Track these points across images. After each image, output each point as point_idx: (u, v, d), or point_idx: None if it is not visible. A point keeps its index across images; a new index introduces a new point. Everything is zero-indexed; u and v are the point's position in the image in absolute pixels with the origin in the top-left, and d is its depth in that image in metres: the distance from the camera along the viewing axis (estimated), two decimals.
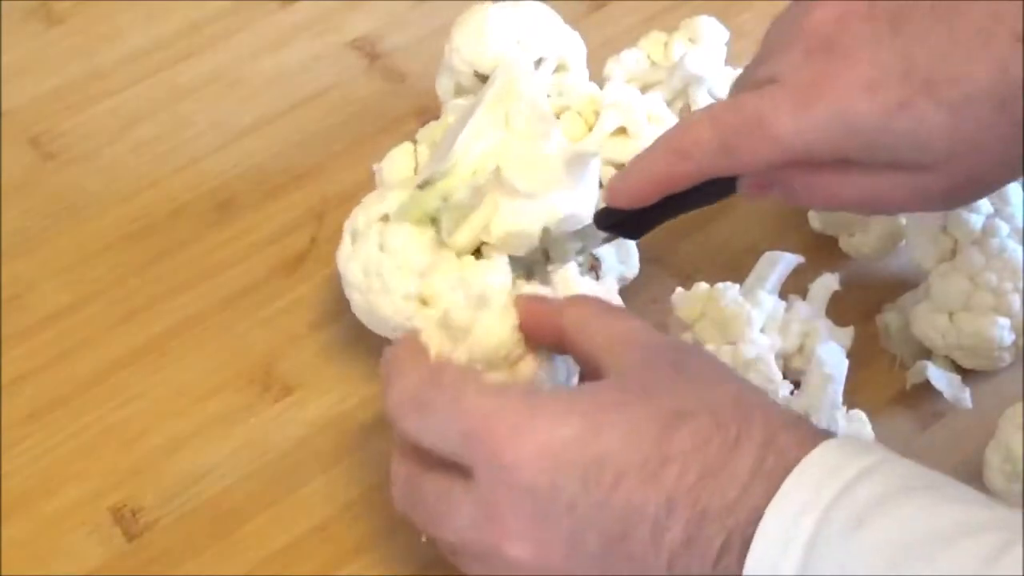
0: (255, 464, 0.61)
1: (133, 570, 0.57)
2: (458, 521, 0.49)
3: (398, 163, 0.64)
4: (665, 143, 0.54)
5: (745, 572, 0.43)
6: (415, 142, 0.64)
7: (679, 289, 0.61)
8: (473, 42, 0.67)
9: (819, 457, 0.44)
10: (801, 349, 0.60)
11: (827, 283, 0.62)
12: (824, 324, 0.61)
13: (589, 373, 0.51)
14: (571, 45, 0.69)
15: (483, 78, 0.66)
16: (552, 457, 0.46)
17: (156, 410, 0.63)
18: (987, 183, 0.53)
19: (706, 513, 0.45)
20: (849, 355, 0.59)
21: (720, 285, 0.60)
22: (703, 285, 0.61)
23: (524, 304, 0.53)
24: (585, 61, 0.69)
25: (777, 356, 0.59)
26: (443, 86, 0.69)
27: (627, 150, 0.64)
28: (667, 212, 0.56)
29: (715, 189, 0.54)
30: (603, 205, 0.58)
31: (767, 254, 0.62)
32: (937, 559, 0.41)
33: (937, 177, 0.50)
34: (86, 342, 0.65)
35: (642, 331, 0.51)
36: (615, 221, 0.57)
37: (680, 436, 0.46)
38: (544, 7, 0.69)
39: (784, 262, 0.62)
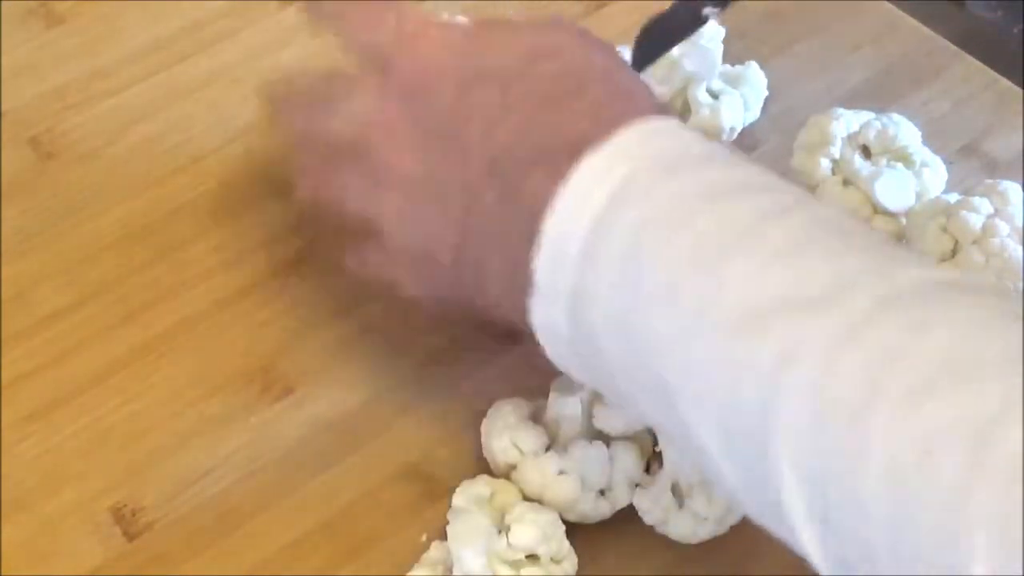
0: (255, 464, 0.61)
1: (133, 570, 0.57)
2: (359, 97, 0.54)
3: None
4: None
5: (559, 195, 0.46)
6: None
7: None
8: None
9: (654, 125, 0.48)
10: None
11: None
12: None
13: None
14: None
15: None
16: (450, 44, 0.52)
17: (156, 410, 0.63)
18: None
19: (538, 122, 0.49)
20: None
21: None
22: None
23: None
24: None
25: None
26: None
27: None
28: None
29: None
30: None
31: None
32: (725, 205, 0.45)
33: None
34: (86, 342, 0.65)
35: None
36: None
37: (555, 55, 0.51)
38: None
39: None
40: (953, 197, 0.63)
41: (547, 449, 0.57)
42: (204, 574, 0.57)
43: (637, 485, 0.57)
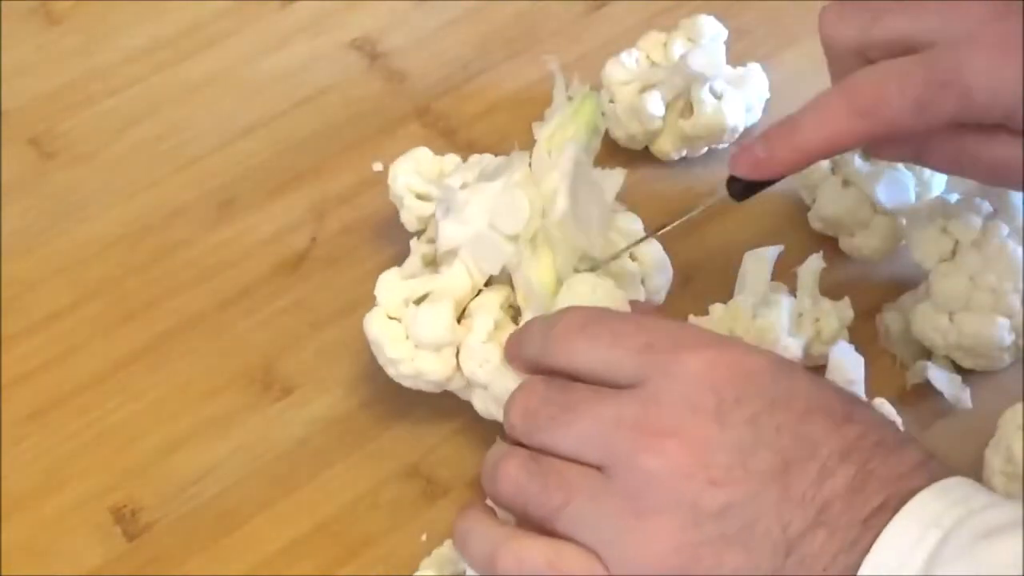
0: (255, 464, 0.61)
1: (133, 570, 0.57)
2: (601, 414, 0.46)
3: None
4: (842, 101, 0.52)
5: (872, 555, 0.43)
6: None
7: (691, 316, 0.61)
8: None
9: (954, 483, 0.45)
10: (819, 334, 0.60)
11: (814, 264, 0.62)
12: (825, 302, 0.61)
13: None
14: None
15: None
16: (743, 374, 0.46)
17: (156, 410, 0.63)
18: None
19: (873, 474, 0.44)
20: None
21: (734, 301, 0.60)
22: (719, 306, 0.60)
23: None
24: None
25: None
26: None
27: None
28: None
29: None
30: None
31: (750, 254, 0.62)
32: None
33: None
34: (86, 342, 0.65)
35: None
36: (743, 187, 0.56)
37: (861, 408, 0.47)
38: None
39: (772, 256, 0.62)
40: (953, 197, 0.63)
41: None
42: (204, 574, 0.57)
43: None
